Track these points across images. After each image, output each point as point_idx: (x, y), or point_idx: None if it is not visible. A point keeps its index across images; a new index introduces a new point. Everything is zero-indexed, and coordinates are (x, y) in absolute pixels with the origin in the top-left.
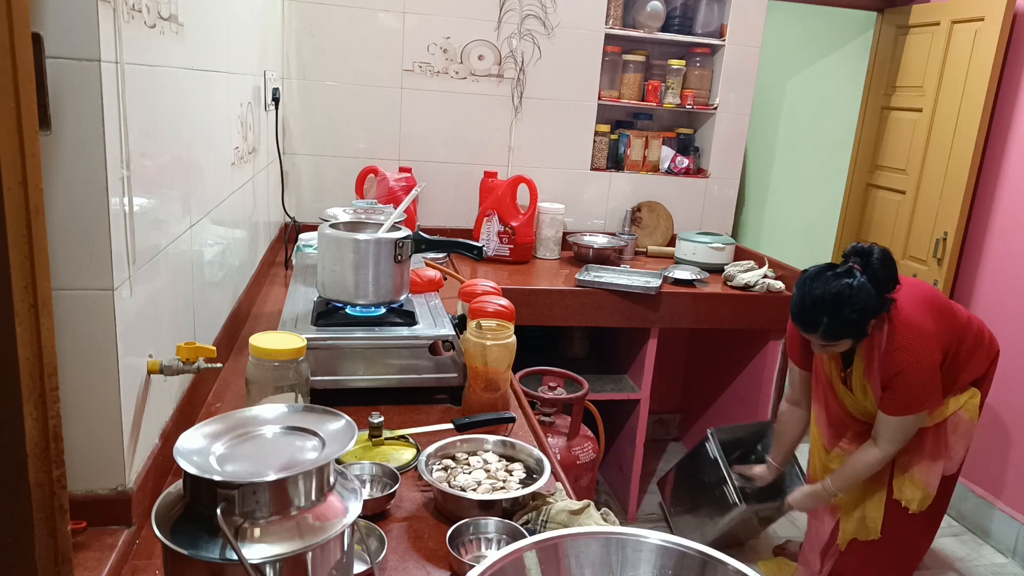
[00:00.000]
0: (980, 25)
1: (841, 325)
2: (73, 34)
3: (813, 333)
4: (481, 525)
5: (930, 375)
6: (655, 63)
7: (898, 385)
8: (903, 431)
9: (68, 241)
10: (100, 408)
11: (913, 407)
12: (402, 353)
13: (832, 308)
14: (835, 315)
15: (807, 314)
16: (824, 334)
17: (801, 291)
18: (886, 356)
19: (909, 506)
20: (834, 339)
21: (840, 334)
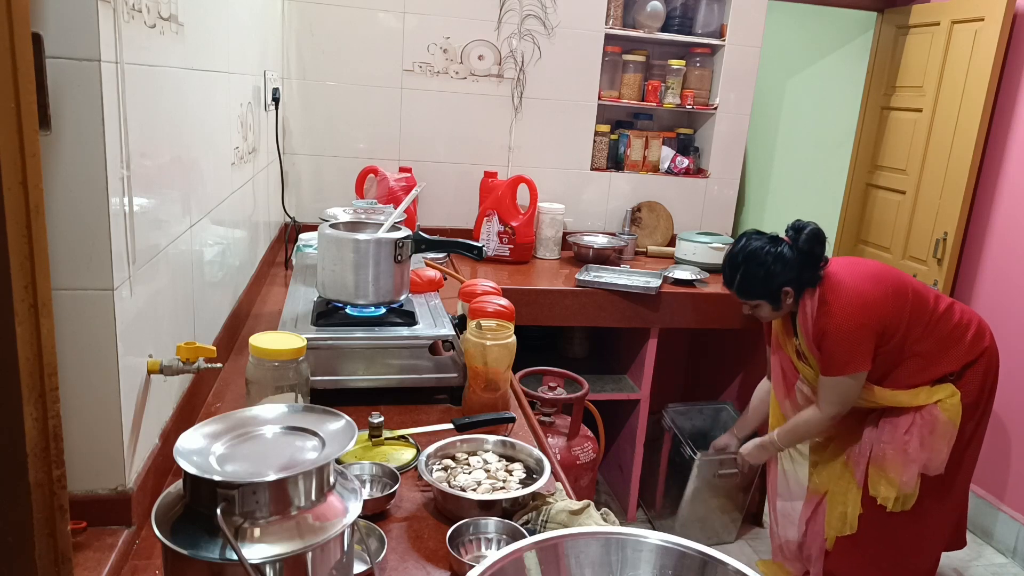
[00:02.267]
0: (980, 25)
1: (751, 283)
2: (73, 34)
3: (730, 289)
4: (481, 525)
5: (856, 338)
6: (655, 63)
7: (825, 346)
8: (837, 393)
9: (68, 241)
10: (100, 408)
11: (839, 368)
12: (402, 353)
13: (744, 266)
14: (746, 273)
15: (725, 269)
16: (738, 291)
17: (728, 249)
18: (816, 320)
19: (885, 504)
20: (746, 297)
21: (751, 293)
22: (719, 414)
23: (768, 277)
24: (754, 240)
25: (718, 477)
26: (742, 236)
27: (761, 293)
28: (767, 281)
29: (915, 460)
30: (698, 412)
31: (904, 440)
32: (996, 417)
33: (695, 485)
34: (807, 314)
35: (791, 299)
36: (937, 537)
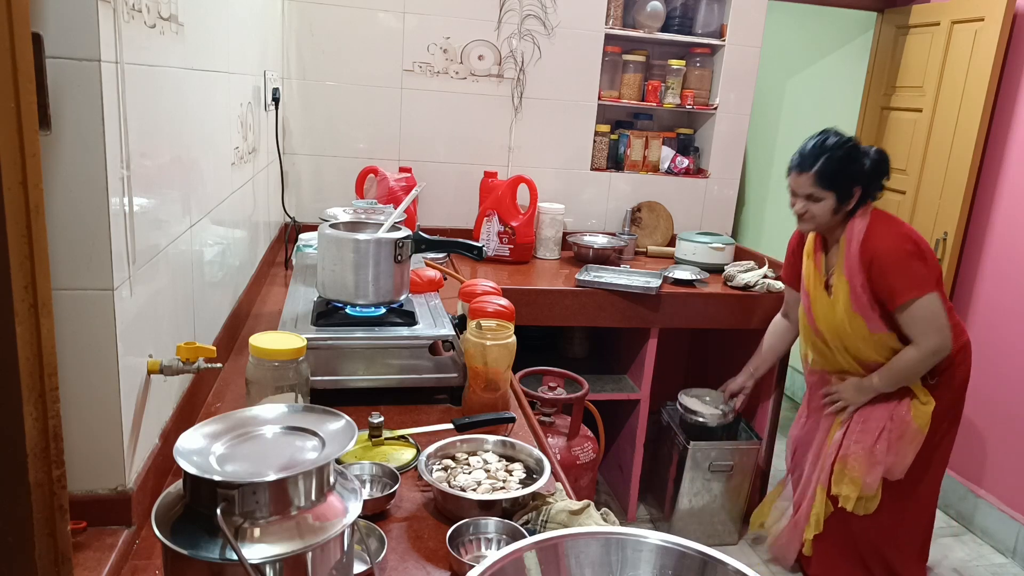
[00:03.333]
0: (980, 25)
1: (831, 169)
2: (73, 34)
3: (807, 171)
4: (481, 525)
5: (916, 261)
6: (655, 63)
7: (888, 272)
8: (925, 320)
9: (68, 241)
10: (100, 408)
11: (915, 286)
12: (402, 353)
13: (831, 151)
14: (831, 158)
15: (806, 153)
16: (817, 173)
17: (808, 140)
18: (867, 243)
19: (845, 505)
20: (822, 183)
21: (827, 179)
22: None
23: (848, 167)
24: (837, 134)
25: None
26: (824, 131)
27: (837, 183)
28: (845, 171)
29: (880, 463)
30: None
31: (872, 442)
32: (995, 416)
33: (691, 476)
34: (854, 233)
35: (853, 204)
36: (910, 539)
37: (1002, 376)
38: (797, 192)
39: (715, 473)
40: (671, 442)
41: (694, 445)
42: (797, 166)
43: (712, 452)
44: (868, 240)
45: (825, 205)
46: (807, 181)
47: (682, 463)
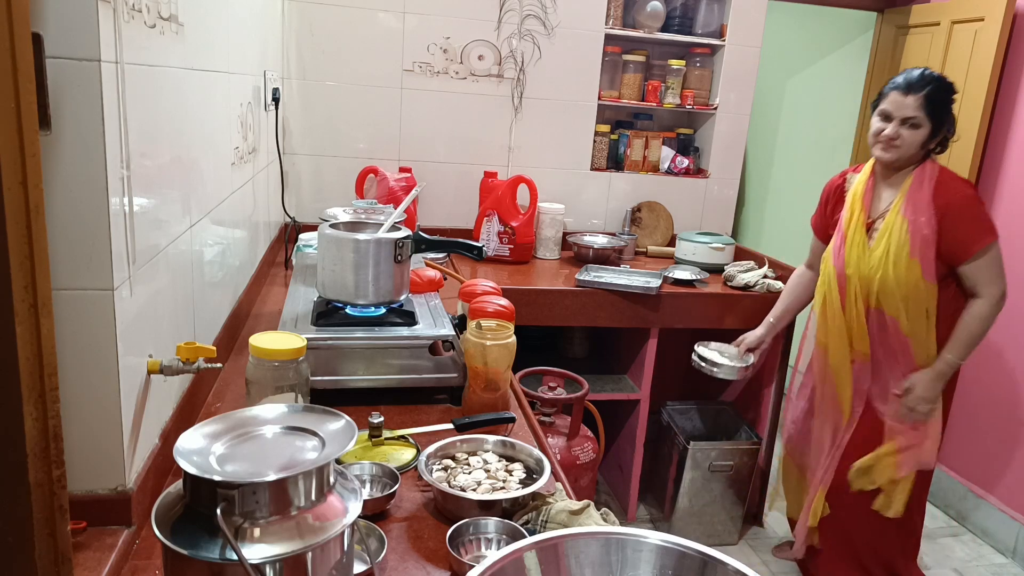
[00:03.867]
0: (980, 25)
1: (942, 96)
2: (73, 34)
3: (916, 93)
4: (481, 525)
5: (981, 206)
6: (655, 63)
7: (963, 218)
8: (994, 266)
9: (68, 241)
10: (100, 408)
11: (986, 231)
12: (402, 353)
13: (939, 81)
14: (940, 87)
15: (917, 77)
16: (928, 96)
17: (910, 70)
18: (938, 189)
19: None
20: (930, 108)
21: (936, 105)
22: (719, 414)
23: (949, 105)
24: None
25: (712, 470)
26: (925, 68)
27: (937, 114)
28: (946, 106)
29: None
30: (698, 412)
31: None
32: (997, 416)
33: (691, 476)
34: (926, 176)
35: (938, 144)
36: (907, 535)
37: (1002, 376)
38: (894, 115)
39: (715, 473)
40: (671, 442)
41: (694, 445)
42: (905, 87)
43: (712, 452)
44: (943, 185)
45: (919, 134)
46: (914, 103)
47: (682, 463)
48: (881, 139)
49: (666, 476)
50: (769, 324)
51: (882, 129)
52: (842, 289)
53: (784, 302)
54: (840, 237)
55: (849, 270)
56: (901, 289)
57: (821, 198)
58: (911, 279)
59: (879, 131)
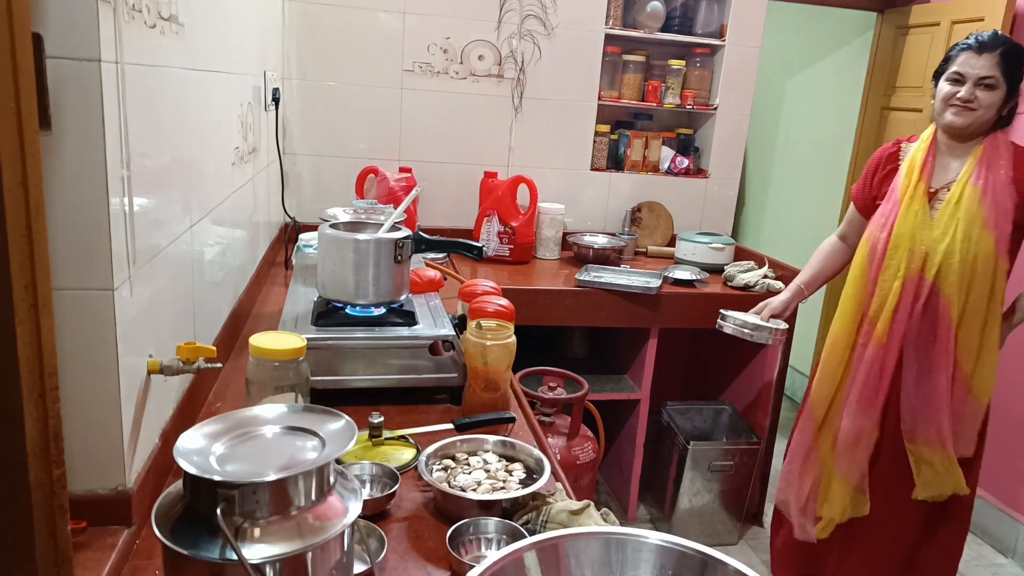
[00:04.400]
0: (980, 25)
1: (1019, 54)
2: (73, 34)
3: (991, 51)
4: (481, 525)
5: None
6: (655, 63)
7: None
8: None
9: (68, 241)
10: (100, 408)
11: None
12: (402, 353)
13: (1011, 41)
14: (1014, 46)
15: (991, 37)
16: (1004, 55)
17: (980, 32)
18: (1019, 157)
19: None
20: (1007, 65)
21: (1013, 63)
22: (719, 415)
23: (1021, 66)
24: None
25: (712, 469)
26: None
27: (1014, 74)
28: (1020, 67)
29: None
30: (698, 412)
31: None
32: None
33: (691, 476)
34: (1001, 144)
35: (1009, 112)
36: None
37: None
38: (967, 76)
39: (715, 473)
40: (671, 442)
41: (694, 445)
42: (978, 47)
43: (712, 452)
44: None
45: (995, 96)
46: (989, 62)
47: (682, 463)
48: (955, 102)
49: (666, 476)
50: (797, 288)
51: (955, 92)
52: (879, 261)
53: (813, 268)
54: (893, 204)
55: (899, 240)
56: (967, 266)
57: (867, 167)
58: (982, 253)
59: (951, 94)
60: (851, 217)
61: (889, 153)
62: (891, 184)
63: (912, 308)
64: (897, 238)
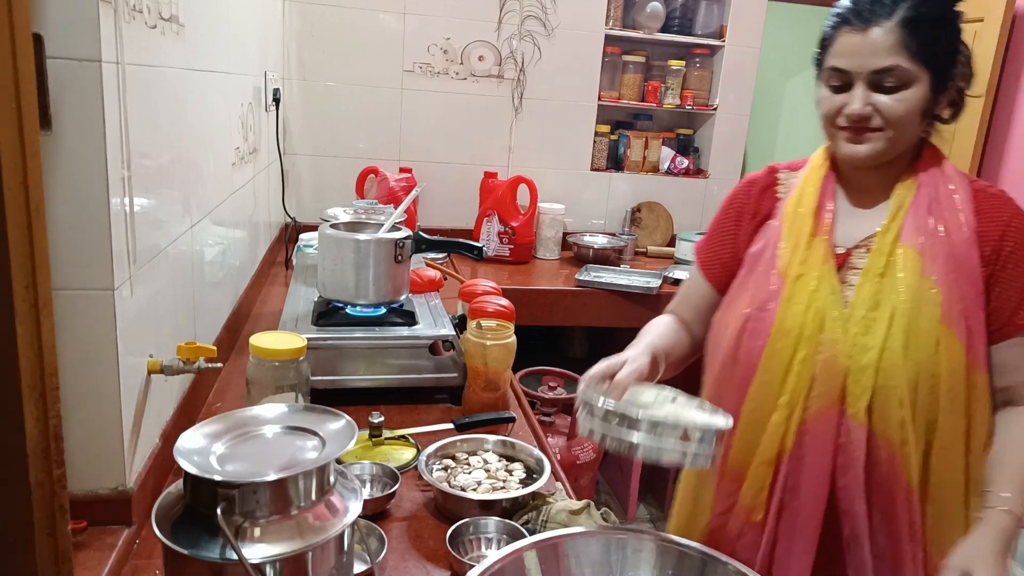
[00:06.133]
0: (980, 25)
1: (938, 8)
2: (74, 34)
3: (885, 20)
4: (481, 525)
5: None
6: (655, 64)
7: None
8: None
9: (69, 241)
10: (100, 408)
11: None
12: (402, 353)
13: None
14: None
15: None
16: (907, 23)
17: None
18: (982, 194)
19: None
20: (918, 40)
21: (930, 31)
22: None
23: (954, 32)
24: None
25: None
26: None
27: (936, 51)
28: (951, 36)
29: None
30: None
31: None
32: None
33: None
34: (943, 173)
35: (951, 108)
36: None
37: None
38: (854, 71)
39: None
40: None
41: None
42: (858, 15)
43: None
44: (988, 195)
45: (911, 96)
46: (885, 40)
47: None
48: (844, 123)
49: (666, 476)
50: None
51: (840, 106)
52: (740, 380)
53: (662, 337)
54: (774, 283)
55: (786, 342)
56: (924, 387)
57: (721, 211)
58: (945, 366)
59: (835, 110)
60: (692, 291)
61: (761, 188)
62: (763, 241)
63: (816, 468)
64: (782, 338)
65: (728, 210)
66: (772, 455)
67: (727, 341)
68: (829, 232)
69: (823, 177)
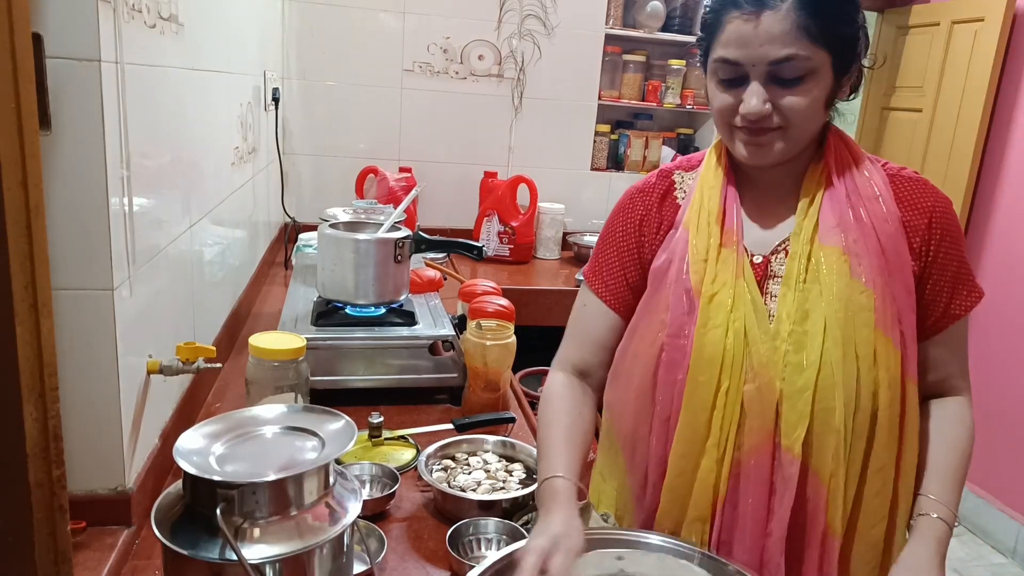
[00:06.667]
0: (980, 25)
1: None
2: (73, 34)
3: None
4: (481, 525)
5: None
6: (655, 63)
7: (953, 247)
8: (965, 341)
9: (68, 241)
10: (100, 408)
11: (972, 283)
12: (402, 353)
13: None
14: None
15: None
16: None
17: None
18: (899, 180)
19: None
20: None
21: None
22: None
23: (856, 11)
24: None
25: None
26: None
27: (835, 30)
28: (847, 11)
29: None
30: None
31: None
32: (994, 417)
33: None
34: (856, 158)
35: (858, 78)
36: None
37: (1001, 377)
38: (746, 63)
39: None
40: None
41: None
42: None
43: None
44: (905, 180)
45: (814, 88)
46: (780, 25)
47: None
48: (740, 123)
49: None
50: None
51: (734, 105)
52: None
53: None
54: (687, 305)
55: (710, 370)
56: (864, 406)
57: (617, 227)
58: (886, 379)
59: (729, 110)
60: (592, 325)
61: (660, 194)
62: (666, 254)
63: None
64: (704, 369)
65: (625, 224)
66: (705, 509)
67: (639, 374)
68: (737, 240)
69: (722, 177)
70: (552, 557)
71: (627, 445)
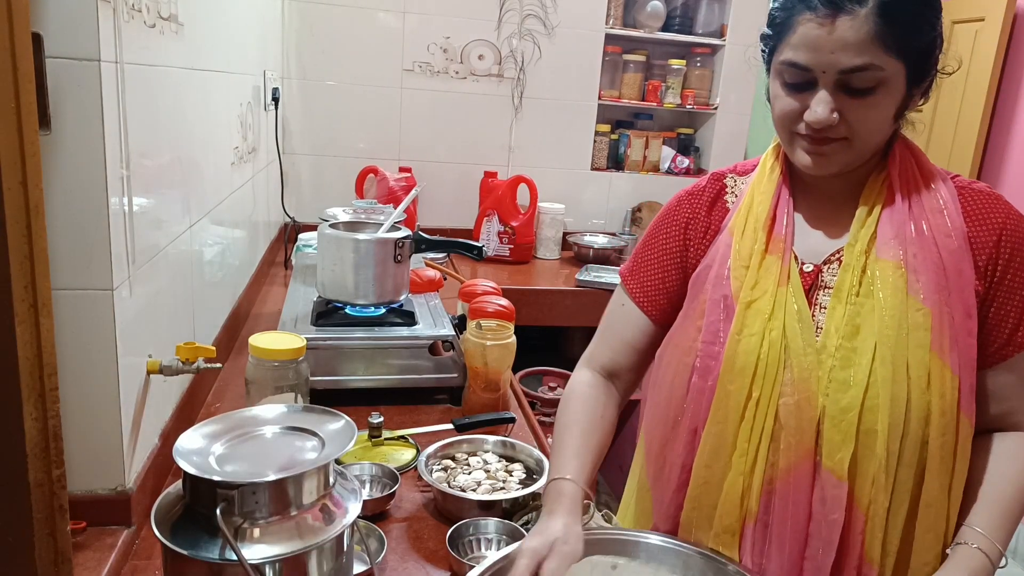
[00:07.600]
0: (980, 25)
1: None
2: (73, 34)
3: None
4: (481, 525)
5: None
6: (655, 63)
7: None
8: None
9: (68, 241)
10: (100, 408)
11: None
12: (402, 353)
13: None
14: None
15: None
16: (884, 9)
17: None
18: (970, 194)
19: None
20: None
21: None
22: None
23: (938, 19)
24: None
25: None
26: None
27: (920, 43)
28: (929, 18)
29: None
30: None
31: None
32: None
33: None
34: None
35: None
36: None
37: None
38: (816, 69)
39: None
40: None
41: None
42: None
43: None
44: (977, 195)
45: (885, 100)
46: (856, 32)
47: None
48: (803, 131)
49: None
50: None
51: (799, 111)
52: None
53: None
54: (724, 311)
55: (742, 383)
56: (914, 434)
57: (663, 228)
58: (939, 406)
59: (793, 114)
60: (625, 327)
61: (710, 199)
62: (708, 259)
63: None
64: (735, 377)
65: (669, 227)
66: (734, 523)
67: (673, 382)
68: (785, 247)
69: (776, 182)
70: (546, 561)
71: (653, 452)
